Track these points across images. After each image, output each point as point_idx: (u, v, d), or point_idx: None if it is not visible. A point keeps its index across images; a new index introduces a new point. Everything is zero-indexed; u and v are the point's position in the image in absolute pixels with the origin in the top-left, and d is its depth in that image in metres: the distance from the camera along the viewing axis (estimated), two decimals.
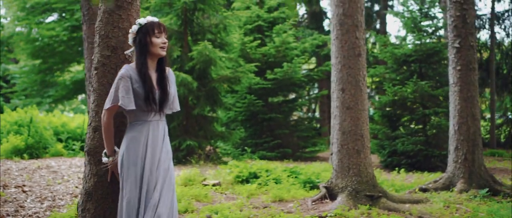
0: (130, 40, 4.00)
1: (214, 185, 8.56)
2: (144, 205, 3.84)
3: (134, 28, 3.97)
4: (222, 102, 13.06)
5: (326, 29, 22.93)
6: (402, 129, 13.17)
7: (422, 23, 13.45)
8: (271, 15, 15.82)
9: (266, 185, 8.45)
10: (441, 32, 14.27)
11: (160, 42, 3.95)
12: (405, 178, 10.39)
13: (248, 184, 8.55)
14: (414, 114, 12.85)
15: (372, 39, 23.48)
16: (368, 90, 6.75)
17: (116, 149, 4.05)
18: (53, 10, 21.10)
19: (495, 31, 19.59)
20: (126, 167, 3.85)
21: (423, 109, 12.70)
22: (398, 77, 13.33)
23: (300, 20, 24.18)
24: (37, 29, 21.11)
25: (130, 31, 3.98)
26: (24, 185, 8.04)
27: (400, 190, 8.70)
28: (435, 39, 13.80)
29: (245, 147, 14.03)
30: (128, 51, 4.08)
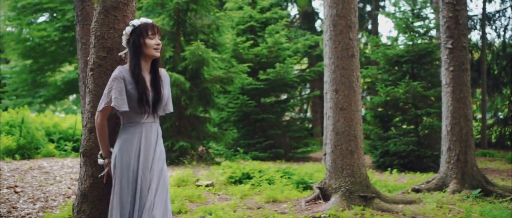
0: (124, 41, 3.99)
1: (207, 186, 8.55)
2: (138, 207, 3.83)
3: (128, 29, 3.96)
4: (215, 102, 13.04)
5: (318, 29, 22.94)
6: (394, 130, 13.20)
7: (414, 23, 13.50)
8: (264, 15, 15.82)
9: (259, 186, 8.45)
10: (433, 33, 14.33)
11: (154, 43, 3.95)
12: (398, 179, 10.42)
13: (241, 185, 8.55)
14: (406, 115, 12.89)
15: (364, 39, 23.53)
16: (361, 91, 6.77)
17: (112, 150, 4.04)
18: (44, 10, 20.94)
19: (486, 31, 19.68)
20: (119, 169, 3.85)
21: (415, 110, 12.74)
22: (390, 78, 13.35)
23: (292, 20, 24.18)
24: (28, 29, 20.99)
25: (124, 32, 3.97)
26: (16, 186, 8.00)
27: (393, 191, 8.72)
28: (427, 40, 13.85)
29: (238, 148, 14.02)
30: (122, 52, 4.07)
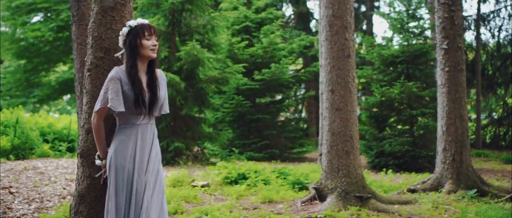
0: (120, 42, 3.98)
1: (203, 186, 8.54)
2: (134, 209, 3.82)
3: (125, 30, 3.95)
4: (210, 103, 13.04)
5: (313, 30, 22.96)
6: (389, 130, 13.21)
7: (409, 24, 13.51)
8: (259, 16, 15.82)
9: (255, 186, 8.45)
10: (428, 33, 14.35)
11: (150, 44, 3.93)
12: (393, 179, 10.43)
13: (237, 185, 8.54)
14: (401, 115, 12.90)
15: (359, 39, 23.56)
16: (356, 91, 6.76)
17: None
18: (39, 10, 20.87)
19: (481, 32, 19.73)
20: (114, 170, 3.83)
21: (410, 110, 12.75)
22: (385, 78, 13.37)
23: (287, 20, 24.20)
24: (22, 30, 20.91)
25: (120, 33, 3.96)
26: (11, 186, 7.97)
27: (389, 191, 8.73)
28: (422, 40, 13.86)
29: (233, 148, 14.02)
30: (119, 53, 4.06)
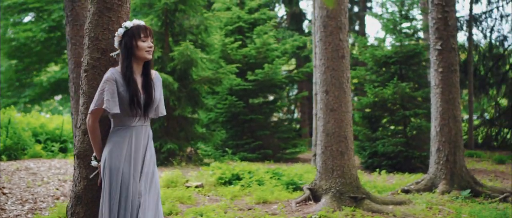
0: (116, 43, 3.96)
1: (197, 187, 8.53)
2: (130, 211, 3.81)
3: (120, 31, 3.93)
4: (203, 103, 13.02)
5: (306, 30, 22.97)
6: (382, 130, 13.23)
7: (402, 25, 13.55)
8: (252, 16, 15.81)
9: (249, 187, 8.45)
10: (421, 34, 14.39)
11: (146, 46, 3.92)
12: (387, 179, 10.45)
13: (231, 186, 8.54)
14: (395, 115, 12.92)
15: (351, 40, 23.59)
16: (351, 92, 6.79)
17: None
18: (30, 10, 20.78)
19: (473, 33, 19.80)
20: (108, 172, 3.81)
21: (403, 110, 12.78)
22: (378, 78, 13.39)
23: (280, 21, 24.20)
24: (14, 29, 20.81)
25: (116, 34, 3.94)
26: (4, 187, 7.93)
27: (382, 192, 8.75)
28: (415, 41, 13.90)
29: (226, 148, 14.01)
30: (114, 53, 4.04)
